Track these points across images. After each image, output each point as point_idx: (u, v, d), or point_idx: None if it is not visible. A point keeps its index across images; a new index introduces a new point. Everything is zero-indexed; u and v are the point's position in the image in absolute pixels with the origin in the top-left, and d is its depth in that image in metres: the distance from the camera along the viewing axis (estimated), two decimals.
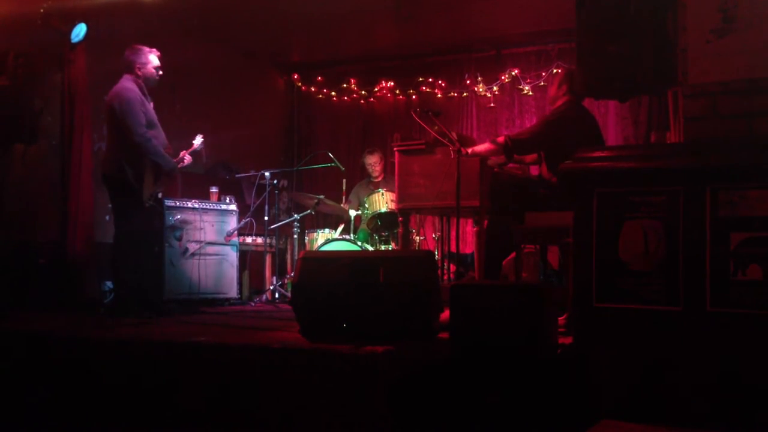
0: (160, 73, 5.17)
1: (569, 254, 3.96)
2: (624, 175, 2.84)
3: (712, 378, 2.63)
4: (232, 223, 6.42)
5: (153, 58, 5.14)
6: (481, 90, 7.90)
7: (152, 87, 5.19)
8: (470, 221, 6.68)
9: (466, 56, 8.06)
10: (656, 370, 2.73)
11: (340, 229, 6.95)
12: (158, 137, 5.10)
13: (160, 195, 5.49)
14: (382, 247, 6.56)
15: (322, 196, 6.80)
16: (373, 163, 7.30)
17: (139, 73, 5.08)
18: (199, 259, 6.11)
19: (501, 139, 4.76)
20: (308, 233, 6.96)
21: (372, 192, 6.75)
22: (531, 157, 5.13)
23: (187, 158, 5.38)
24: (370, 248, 6.48)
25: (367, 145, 8.14)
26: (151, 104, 5.18)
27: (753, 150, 2.70)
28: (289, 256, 7.23)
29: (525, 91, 7.68)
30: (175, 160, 5.26)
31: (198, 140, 5.59)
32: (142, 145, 4.90)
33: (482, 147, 4.82)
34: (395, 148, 5.17)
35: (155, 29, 6.26)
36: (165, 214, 5.88)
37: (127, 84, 5.03)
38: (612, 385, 2.79)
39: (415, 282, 3.41)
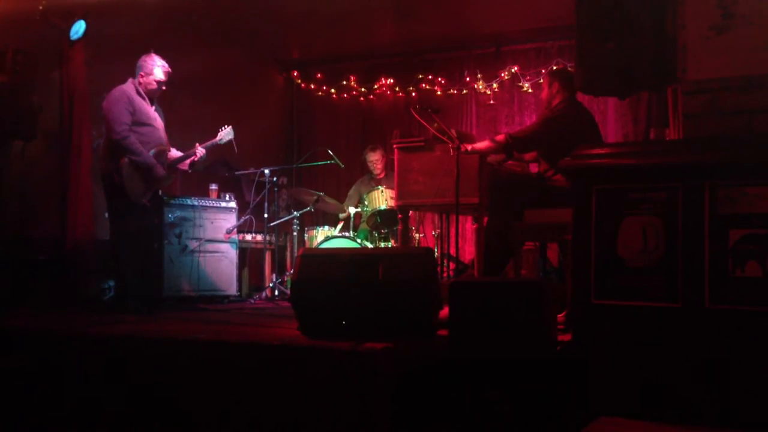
0: (163, 88, 5.22)
1: (568, 251, 3.96)
2: (623, 172, 2.85)
3: (711, 375, 2.63)
4: (232, 220, 6.42)
5: (158, 72, 5.17)
6: (480, 87, 7.88)
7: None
8: (470, 218, 6.69)
9: (465, 53, 8.05)
10: (654, 366, 2.73)
11: (339, 226, 6.95)
12: (150, 135, 5.12)
13: (160, 192, 5.49)
14: (382, 245, 6.56)
15: (321, 194, 6.80)
16: (375, 160, 7.29)
17: (141, 80, 5.15)
18: (199, 257, 6.11)
19: (501, 137, 4.77)
20: (308, 230, 6.95)
21: (372, 189, 6.75)
22: (530, 154, 5.13)
23: (200, 151, 5.38)
24: (370, 245, 6.48)
25: (366, 142, 8.13)
26: (153, 106, 5.20)
27: (752, 147, 2.70)
28: (288, 254, 7.23)
29: (525, 89, 7.66)
30: (185, 154, 5.30)
31: (224, 131, 5.57)
32: (119, 142, 4.96)
33: (482, 144, 4.83)
34: (394, 145, 5.17)
35: (154, 26, 6.25)
36: (164, 211, 5.87)
37: (123, 86, 5.13)
38: (610, 381, 2.79)
39: (415, 279, 3.41)
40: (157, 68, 5.17)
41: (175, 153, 5.34)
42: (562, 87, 4.76)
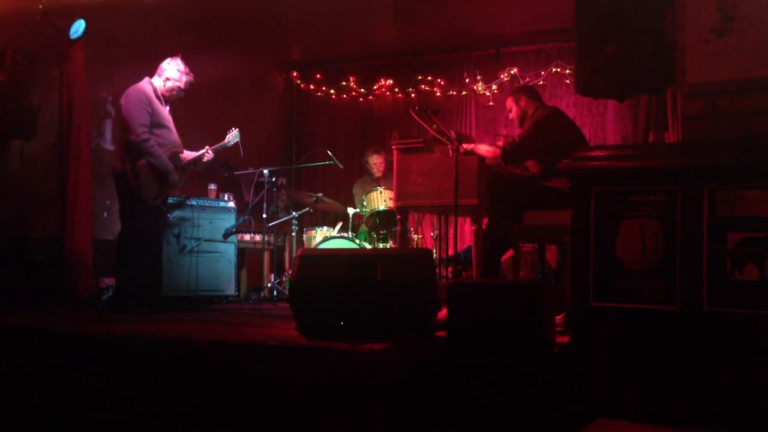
0: (182, 95, 5.23)
1: (567, 253, 3.96)
2: (622, 175, 2.85)
3: (709, 377, 2.63)
4: (231, 220, 6.42)
5: (185, 80, 5.17)
6: (480, 88, 7.89)
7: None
8: (468, 220, 6.69)
9: (465, 55, 8.05)
10: (652, 369, 2.73)
11: (338, 226, 6.95)
12: (166, 137, 5.11)
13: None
14: (380, 246, 6.56)
15: (320, 194, 6.81)
16: (378, 163, 7.29)
17: (165, 84, 5.13)
18: (197, 257, 6.11)
19: (497, 150, 4.82)
20: (306, 231, 6.96)
21: (371, 190, 6.75)
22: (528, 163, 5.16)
23: (209, 154, 5.36)
24: (368, 246, 6.48)
25: (366, 143, 8.14)
26: (167, 107, 5.19)
27: (751, 150, 2.70)
28: (287, 254, 7.23)
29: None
30: (196, 155, 5.28)
31: (232, 134, 5.56)
32: (137, 145, 4.92)
33: (482, 149, 4.86)
34: (394, 146, 5.17)
35: (154, 26, 6.25)
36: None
37: (140, 85, 5.07)
38: (608, 383, 2.80)
39: (413, 280, 3.41)
40: (182, 76, 5.16)
41: (187, 154, 5.33)
42: (530, 98, 5.00)
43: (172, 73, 5.14)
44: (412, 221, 6.63)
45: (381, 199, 6.55)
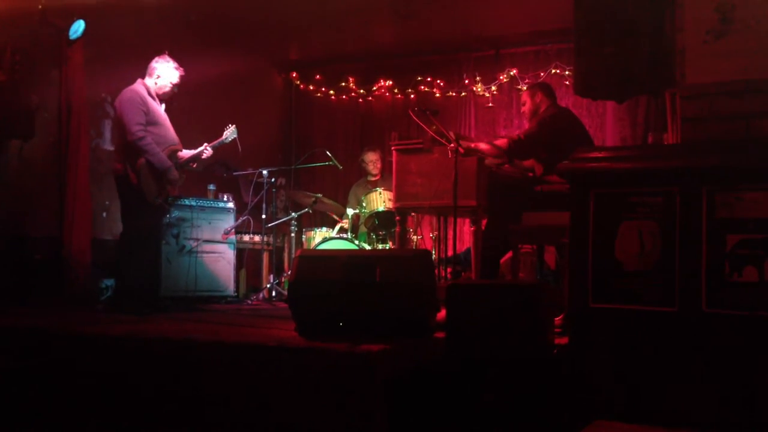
0: (175, 90, 5.24)
1: (566, 254, 3.96)
2: (621, 176, 2.85)
3: (707, 379, 2.64)
4: (230, 220, 6.42)
5: (174, 75, 5.21)
6: (479, 89, 7.89)
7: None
8: (468, 221, 6.69)
9: (464, 55, 8.05)
10: (651, 370, 2.73)
11: (337, 227, 6.95)
12: (164, 136, 5.14)
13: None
14: (379, 246, 6.56)
15: (319, 195, 6.80)
16: (374, 160, 7.30)
17: (156, 82, 5.16)
18: (196, 257, 6.11)
19: (502, 141, 4.83)
20: (305, 231, 6.96)
21: (370, 191, 6.75)
22: (528, 162, 5.16)
23: (207, 151, 5.38)
24: (368, 247, 6.48)
25: (365, 143, 8.13)
26: (162, 106, 5.22)
27: (750, 151, 2.70)
28: (286, 255, 7.23)
29: (523, 91, 7.67)
30: (195, 152, 5.30)
31: (229, 130, 5.57)
32: (135, 144, 4.96)
33: (483, 146, 4.86)
34: (393, 147, 5.17)
35: (153, 26, 6.25)
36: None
37: (133, 86, 5.13)
38: (607, 385, 2.80)
39: (412, 281, 3.41)
40: (172, 71, 5.19)
41: (186, 152, 5.35)
42: (545, 96, 5.06)
43: (162, 70, 5.18)
44: (411, 222, 6.63)
45: (380, 200, 6.55)
